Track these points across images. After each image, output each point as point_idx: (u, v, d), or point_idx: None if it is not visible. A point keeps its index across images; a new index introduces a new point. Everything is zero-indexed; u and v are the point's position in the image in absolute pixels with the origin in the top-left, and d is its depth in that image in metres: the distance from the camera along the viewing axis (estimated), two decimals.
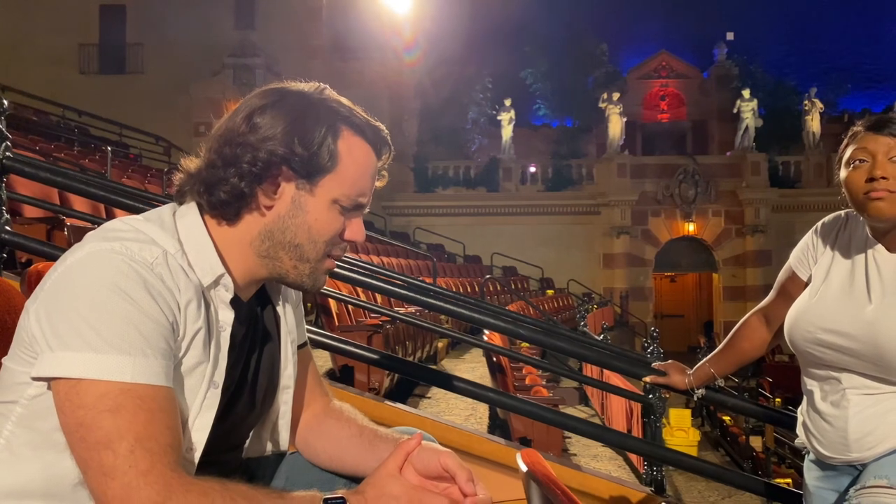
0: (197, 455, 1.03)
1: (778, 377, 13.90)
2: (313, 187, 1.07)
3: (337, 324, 4.67)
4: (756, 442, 9.78)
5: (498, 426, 4.96)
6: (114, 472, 0.90)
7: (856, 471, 1.59)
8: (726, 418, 11.76)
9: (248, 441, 1.21)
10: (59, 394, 0.94)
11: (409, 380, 5.45)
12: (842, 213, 1.73)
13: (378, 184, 1.17)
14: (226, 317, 1.08)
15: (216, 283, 1.07)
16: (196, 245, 1.06)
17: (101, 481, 0.91)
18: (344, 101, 1.12)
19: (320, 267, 1.11)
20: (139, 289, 0.96)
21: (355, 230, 1.12)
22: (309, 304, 5.57)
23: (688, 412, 9.40)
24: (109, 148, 10.16)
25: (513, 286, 14.25)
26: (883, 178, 1.52)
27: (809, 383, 1.70)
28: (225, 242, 1.08)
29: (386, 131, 1.16)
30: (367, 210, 1.15)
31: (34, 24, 18.98)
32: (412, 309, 5.40)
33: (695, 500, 7.15)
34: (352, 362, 3.98)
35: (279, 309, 1.22)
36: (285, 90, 1.10)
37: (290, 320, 1.23)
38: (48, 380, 0.95)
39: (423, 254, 12.42)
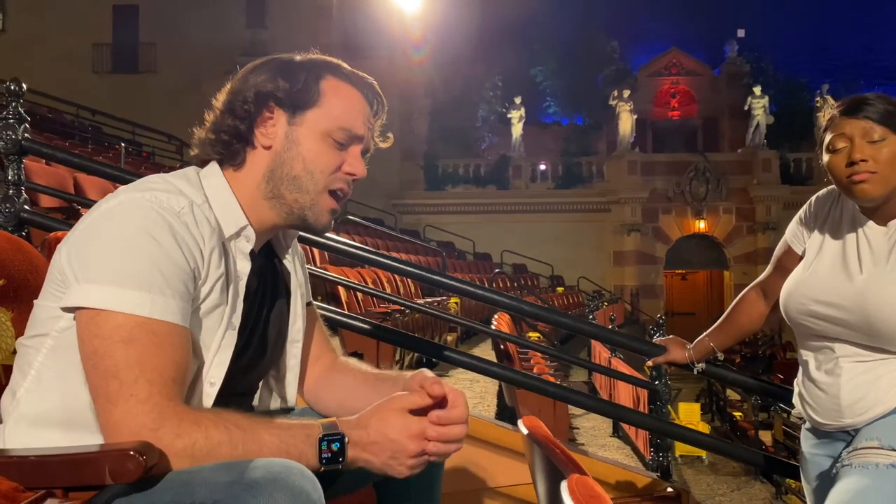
0: (216, 389, 1.10)
1: (789, 374, 13.84)
2: (302, 120, 1.15)
3: (345, 311, 4.72)
4: (766, 436, 9.77)
5: (506, 415, 5.00)
6: (117, 399, 0.97)
7: (849, 436, 1.63)
8: (737, 414, 11.74)
9: (258, 392, 1.27)
10: (80, 323, 1.01)
11: (418, 369, 5.49)
12: (835, 187, 1.76)
13: (383, 144, 1.23)
14: (243, 267, 1.15)
15: (238, 234, 1.14)
16: (221, 198, 1.14)
17: (105, 408, 0.98)
18: (333, 59, 1.21)
19: (320, 200, 1.17)
20: (165, 234, 1.03)
21: (354, 164, 1.18)
22: (319, 297, 5.63)
23: (697, 406, 9.39)
24: (123, 145, 10.28)
25: (523, 283, 14.29)
26: (863, 160, 1.55)
27: (804, 354, 1.74)
28: (242, 194, 1.16)
29: (377, 86, 1.22)
30: (368, 151, 1.21)
31: (48, 24, 19.17)
32: (422, 302, 5.46)
33: (703, 492, 7.15)
34: (361, 349, 4.04)
35: (288, 265, 1.28)
36: (276, 56, 1.21)
37: (299, 276, 1.30)
38: (74, 310, 1.02)
39: (434, 249, 12.47)
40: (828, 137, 1.62)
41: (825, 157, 1.64)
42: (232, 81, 1.19)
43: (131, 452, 0.89)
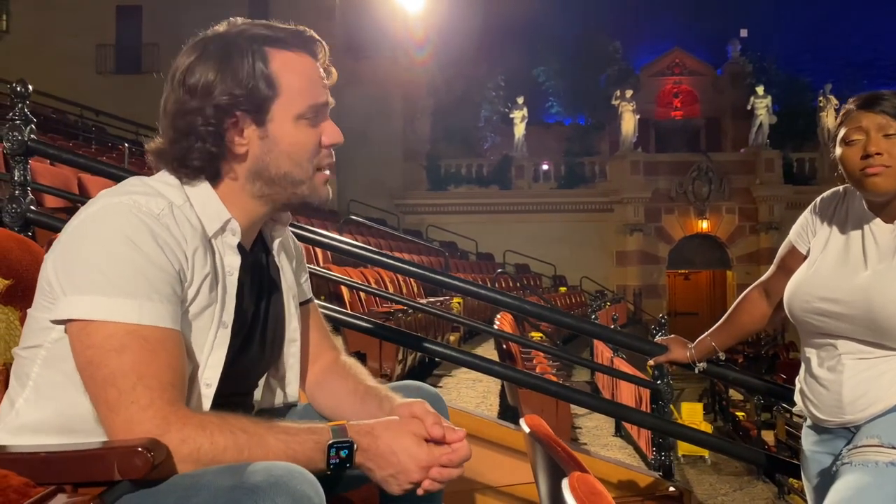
0: (213, 390, 1.10)
1: (792, 374, 13.76)
2: (270, 117, 1.10)
3: (349, 311, 4.74)
4: (768, 436, 9.77)
5: (508, 414, 5.01)
6: (118, 407, 0.97)
7: (850, 433, 1.64)
8: (739, 413, 11.74)
9: (259, 390, 1.27)
10: (72, 335, 1.01)
11: (421, 368, 5.51)
12: (840, 188, 1.78)
13: (329, 81, 1.18)
14: (232, 261, 1.13)
15: (223, 229, 1.13)
16: (201, 196, 1.12)
17: (107, 416, 0.99)
18: (260, 22, 1.15)
19: (315, 181, 1.15)
20: (147, 238, 1.02)
21: (331, 133, 1.15)
22: (322, 297, 5.64)
23: (699, 406, 9.41)
24: (127, 145, 10.32)
25: (525, 283, 14.30)
26: (877, 153, 1.57)
27: (808, 351, 1.74)
28: (225, 194, 1.14)
29: (309, 31, 1.17)
30: (332, 105, 1.16)
31: (52, 26, 19.21)
32: (424, 302, 5.47)
33: (706, 491, 7.17)
34: (364, 349, 4.05)
35: (277, 262, 1.27)
36: (204, 39, 1.13)
37: (288, 276, 1.28)
38: (64, 322, 1.02)
39: (437, 249, 12.49)
40: (843, 130, 1.64)
41: (839, 150, 1.65)
42: (170, 85, 1.12)
43: (139, 449, 0.90)
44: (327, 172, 1.17)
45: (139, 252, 1.01)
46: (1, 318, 1.18)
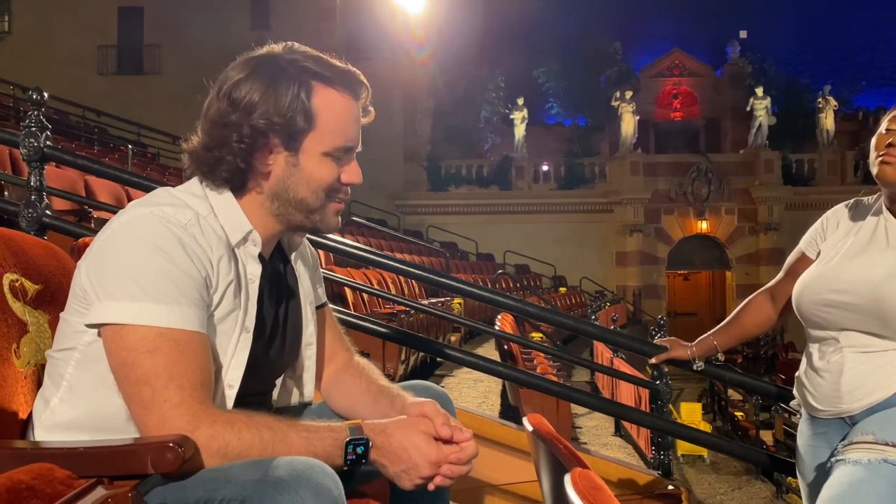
0: (235, 391, 1.16)
1: (791, 374, 13.81)
2: (301, 147, 1.16)
3: (352, 312, 4.79)
4: (767, 436, 9.81)
5: (509, 414, 5.07)
6: (151, 405, 1.04)
7: (845, 425, 1.69)
8: (738, 413, 11.77)
9: (277, 390, 1.33)
10: (106, 338, 1.08)
11: (423, 369, 5.56)
12: (851, 200, 1.86)
13: (365, 120, 1.23)
14: (254, 270, 1.20)
15: (245, 239, 1.19)
16: (225, 208, 1.19)
17: (140, 413, 1.05)
18: (313, 53, 1.19)
19: (327, 211, 1.22)
20: (175, 247, 1.08)
21: (352, 173, 1.22)
22: None
23: (699, 406, 9.45)
24: (130, 146, 10.38)
25: (525, 283, 14.35)
26: None
27: (811, 346, 1.80)
28: (246, 207, 1.20)
29: (357, 72, 1.21)
30: (359, 149, 1.23)
31: (54, 26, 19.25)
32: (426, 303, 5.52)
33: (705, 490, 7.22)
34: (367, 348, 4.09)
35: (295, 270, 1.33)
36: (257, 59, 1.18)
37: (305, 284, 1.35)
38: (98, 326, 1.09)
39: (437, 249, 12.53)
40: (889, 117, 1.73)
41: (875, 137, 1.74)
42: (215, 92, 1.17)
43: (171, 444, 0.96)
44: (341, 205, 1.23)
45: (168, 260, 1.07)
46: (32, 322, 1.23)
